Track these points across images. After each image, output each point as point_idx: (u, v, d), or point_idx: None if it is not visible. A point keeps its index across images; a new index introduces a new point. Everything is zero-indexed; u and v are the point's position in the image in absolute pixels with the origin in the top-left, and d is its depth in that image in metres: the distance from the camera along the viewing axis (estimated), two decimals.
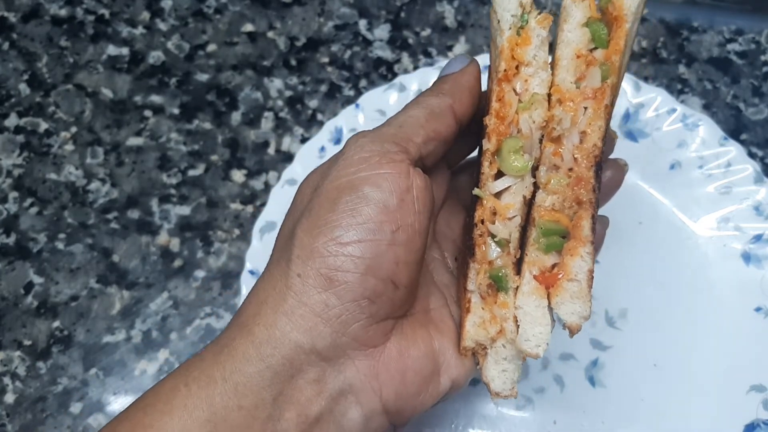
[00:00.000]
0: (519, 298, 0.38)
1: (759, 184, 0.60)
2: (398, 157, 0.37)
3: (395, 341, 0.37)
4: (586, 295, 0.37)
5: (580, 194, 0.37)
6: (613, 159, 0.47)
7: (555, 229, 0.38)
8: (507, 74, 0.39)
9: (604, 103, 0.38)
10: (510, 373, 0.39)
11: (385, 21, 0.72)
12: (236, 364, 0.35)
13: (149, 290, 0.61)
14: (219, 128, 0.67)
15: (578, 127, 0.38)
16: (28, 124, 0.67)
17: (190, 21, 0.72)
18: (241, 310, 0.37)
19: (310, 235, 0.36)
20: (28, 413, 0.57)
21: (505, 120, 0.39)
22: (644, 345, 0.57)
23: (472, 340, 0.39)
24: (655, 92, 0.63)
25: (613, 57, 0.38)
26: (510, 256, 0.39)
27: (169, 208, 0.64)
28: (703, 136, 0.61)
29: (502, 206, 0.39)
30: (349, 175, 0.36)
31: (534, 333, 0.38)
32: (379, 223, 0.35)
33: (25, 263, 0.62)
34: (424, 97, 0.40)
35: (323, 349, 0.35)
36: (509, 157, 0.38)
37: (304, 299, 0.35)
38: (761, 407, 0.54)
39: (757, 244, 0.59)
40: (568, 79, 0.38)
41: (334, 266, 0.35)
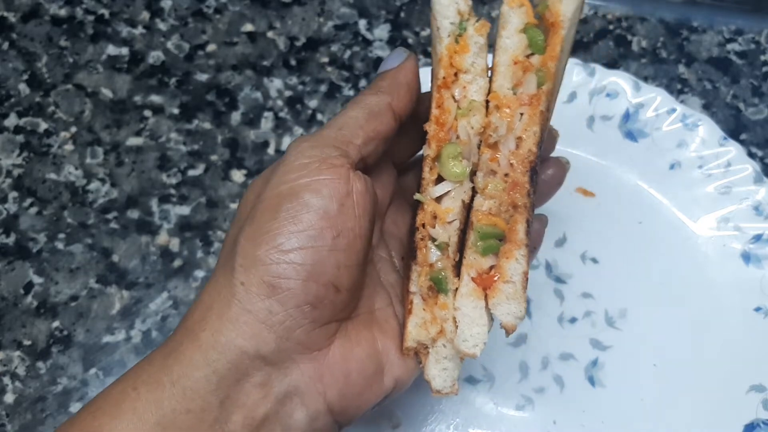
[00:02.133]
0: (458, 300, 0.39)
1: (759, 184, 0.60)
2: (338, 162, 0.38)
3: (339, 344, 0.38)
4: (521, 296, 0.38)
5: (515, 198, 0.38)
6: (555, 157, 0.48)
7: (492, 232, 0.39)
8: (446, 81, 0.40)
9: (540, 108, 0.39)
10: (450, 371, 0.40)
11: (385, 21, 0.72)
12: (183, 368, 0.35)
13: (149, 290, 0.61)
14: (219, 128, 0.67)
15: (514, 133, 0.39)
16: (27, 124, 0.67)
17: (189, 21, 0.72)
18: (188, 315, 0.38)
19: (253, 244, 0.36)
20: (28, 413, 0.57)
21: (445, 126, 0.40)
22: (644, 345, 0.57)
23: (414, 340, 0.40)
24: (654, 92, 0.63)
25: (549, 63, 0.38)
26: (449, 258, 0.40)
27: (168, 208, 0.64)
28: (702, 136, 0.61)
29: (442, 210, 0.40)
30: (290, 182, 0.37)
31: (471, 333, 0.39)
32: (320, 229, 0.36)
33: (24, 263, 0.62)
34: (363, 96, 0.41)
35: (268, 354, 0.36)
36: (448, 163, 0.39)
37: (248, 307, 0.36)
38: (761, 407, 0.54)
39: (757, 244, 0.59)
40: (505, 86, 0.39)
41: (276, 274, 0.36)
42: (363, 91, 0.42)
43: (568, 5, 0.38)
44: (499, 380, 0.56)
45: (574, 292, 0.59)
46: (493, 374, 0.56)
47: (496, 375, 0.56)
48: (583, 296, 0.59)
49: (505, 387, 0.56)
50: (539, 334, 0.58)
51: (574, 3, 0.38)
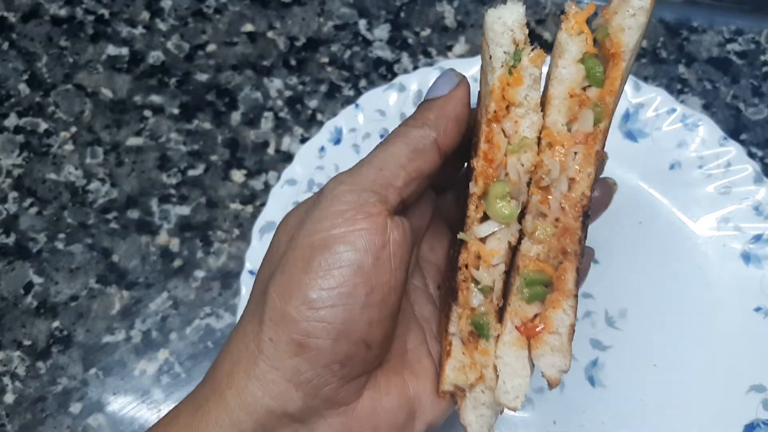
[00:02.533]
0: (500, 348, 0.37)
1: (759, 184, 0.60)
2: (375, 210, 0.36)
3: (368, 395, 0.37)
4: (567, 348, 0.36)
5: (565, 245, 0.36)
6: (602, 178, 0.46)
7: (539, 279, 0.37)
8: (497, 115, 0.37)
9: (596, 148, 0.36)
10: (487, 417, 0.39)
11: (384, 21, 0.72)
12: (209, 429, 0.35)
13: (149, 290, 0.61)
14: (219, 128, 0.67)
15: (567, 173, 0.36)
16: (27, 124, 0.67)
17: (189, 21, 0.72)
18: (216, 366, 0.37)
19: (283, 298, 0.35)
20: (28, 413, 0.57)
21: (494, 163, 0.37)
22: (644, 345, 0.57)
23: (451, 384, 0.38)
24: (655, 92, 0.63)
25: (607, 98, 0.36)
26: (492, 303, 0.38)
27: (168, 208, 0.64)
28: (702, 136, 0.61)
29: (487, 252, 0.37)
30: (324, 231, 0.36)
31: (513, 385, 0.37)
32: (353, 286, 0.35)
33: (24, 263, 0.62)
34: (407, 129, 0.38)
35: (295, 413, 0.35)
36: (496, 203, 0.37)
37: (275, 364, 0.35)
38: (761, 407, 0.54)
39: (757, 244, 0.59)
40: (559, 121, 0.37)
41: (306, 332, 0.35)
42: (407, 122, 0.39)
43: (632, 36, 0.36)
44: None
45: None
46: None
47: None
48: (583, 296, 0.59)
49: None
50: None
51: (638, 32, 0.36)
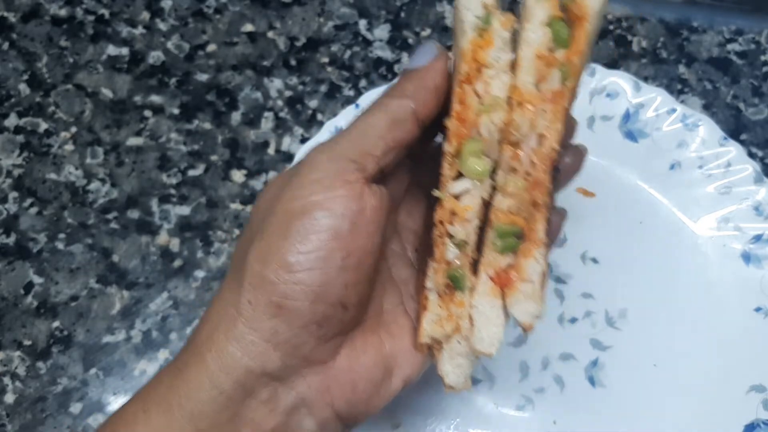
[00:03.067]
0: (475, 298, 0.39)
1: (759, 184, 0.60)
2: (352, 177, 0.37)
3: (345, 354, 0.38)
4: (539, 295, 0.38)
5: (536, 197, 0.38)
6: (574, 144, 0.47)
7: (511, 230, 0.38)
8: (468, 77, 0.38)
9: (563, 105, 0.38)
10: (464, 367, 0.40)
11: (385, 21, 0.72)
12: (190, 391, 0.36)
13: (149, 290, 0.61)
14: (219, 128, 0.67)
15: (536, 130, 0.38)
16: (27, 124, 0.67)
17: (190, 21, 0.72)
18: (197, 332, 0.38)
19: (261, 263, 0.36)
20: (28, 413, 0.57)
21: (466, 123, 0.39)
22: (644, 345, 0.57)
23: (428, 336, 0.40)
24: (655, 92, 0.63)
25: (573, 58, 0.38)
26: (467, 256, 0.39)
27: (169, 208, 0.64)
28: (703, 136, 0.61)
29: (461, 208, 0.39)
30: (302, 198, 0.36)
31: (488, 333, 0.39)
32: (330, 250, 0.36)
33: (24, 263, 0.62)
34: (387, 99, 0.39)
35: (273, 371, 0.36)
36: (469, 160, 0.38)
37: (254, 325, 0.36)
38: (761, 407, 0.54)
39: (757, 244, 0.59)
40: (528, 81, 0.38)
41: (284, 294, 0.35)
42: (386, 92, 0.40)
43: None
44: (499, 380, 0.56)
45: (574, 292, 0.59)
46: (494, 374, 0.56)
47: (496, 375, 0.56)
48: (583, 296, 0.59)
49: (505, 387, 0.56)
50: (539, 334, 0.57)
51: None
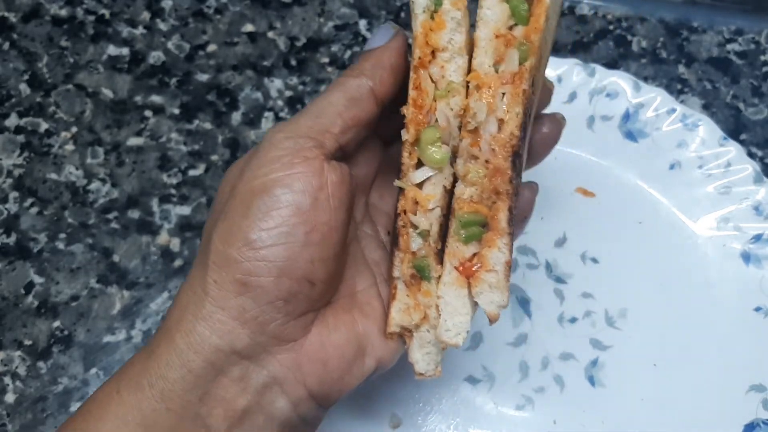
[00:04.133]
0: (440, 288, 0.39)
1: (759, 184, 0.60)
2: (311, 154, 0.37)
3: (316, 331, 0.38)
4: (504, 285, 0.37)
5: (497, 185, 0.37)
6: (550, 114, 0.46)
7: (474, 220, 0.38)
8: (422, 61, 0.38)
9: (522, 87, 0.36)
10: (433, 355, 0.40)
11: (385, 21, 0.72)
12: (161, 370, 0.36)
13: (149, 290, 0.61)
14: (219, 128, 0.68)
15: (495, 114, 0.37)
16: (28, 124, 0.67)
17: (190, 21, 0.72)
18: (168, 314, 0.38)
19: (225, 242, 0.36)
20: (29, 413, 0.57)
21: (423, 109, 0.38)
22: (644, 345, 0.57)
23: (397, 325, 0.40)
24: (654, 92, 0.63)
25: (532, 36, 0.36)
26: (432, 246, 0.39)
27: (169, 208, 0.64)
28: (702, 136, 0.62)
29: (423, 197, 0.38)
30: (262, 177, 0.37)
31: (454, 323, 0.38)
32: (292, 225, 0.36)
33: (25, 263, 0.62)
34: (344, 79, 0.39)
35: (243, 349, 0.36)
36: (427, 149, 0.38)
37: (221, 304, 0.36)
38: (761, 407, 0.54)
39: (757, 244, 0.59)
40: (486, 63, 0.37)
41: (248, 271, 0.36)
42: (345, 72, 0.40)
43: None
44: (499, 380, 0.56)
45: (574, 292, 0.59)
46: (493, 374, 0.57)
47: (496, 375, 0.56)
48: (583, 296, 0.59)
49: (505, 387, 0.56)
50: (539, 334, 0.58)
51: None
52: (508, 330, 0.58)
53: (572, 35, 0.71)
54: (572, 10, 0.72)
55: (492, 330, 0.58)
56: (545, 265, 0.60)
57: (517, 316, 0.58)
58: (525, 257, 0.60)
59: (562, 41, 0.71)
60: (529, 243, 0.61)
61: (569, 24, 0.72)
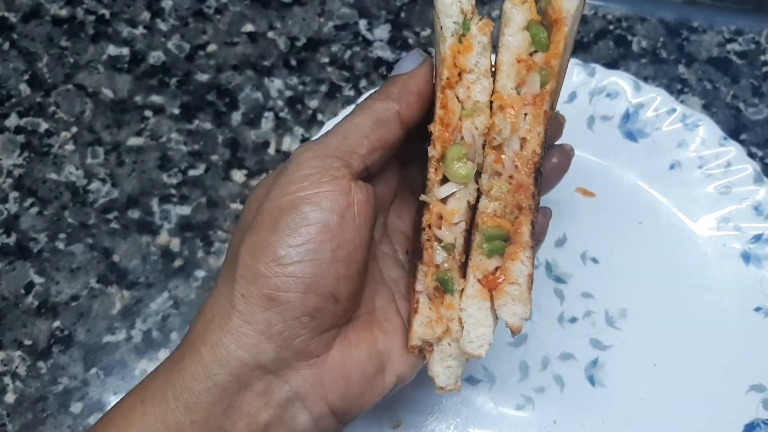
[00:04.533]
0: (464, 301, 0.40)
1: (759, 184, 0.60)
2: (339, 173, 0.38)
3: (338, 348, 0.39)
4: (527, 297, 0.39)
5: (520, 200, 0.39)
6: (560, 144, 0.48)
7: (497, 234, 0.39)
8: (450, 82, 0.39)
9: (544, 108, 0.39)
10: (454, 369, 0.41)
11: (385, 21, 0.72)
12: (186, 383, 0.36)
13: (149, 290, 0.61)
14: (219, 128, 0.68)
15: (518, 134, 0.39)
16: (28, 124, 0.67)
17: (190, 21, 0.72)
18: (192, 326, 0.39)
19: (253, 256, 0.37)
20: (29, 413, 0.57)
21: (449, 127, 0.39)
22: (644, 345, 0.57)
23: (419, 338, 0.40)
24: (654, 92, 0.63)
25: (552, 61, 0.39)
26: (455, 260, 0.40)
27: (169, 208, 0.64)
28: (702, 136, 0.61)
29: (448, 212, 0.40)
30: (290, 194, 0.37)
31: (477, 335, 0.39)
32: (319, 242, 0.36)
33: (25, 263, 0.62)
34: (371, 102, 0.40)
35: (267, 364, 0.37)
36: (453, 165, 0.39)
37: (247, 318, 0.36)
38: (761, 407, 0.54)
39: (757, 244, 0.59)
40: (508, 85, 0.39)
41: (276, 287, 0.36)
42: (372, 95, 0.41)
43: (571, 1, 0.38)
44: (499, 380, 0.56)
45: (574, 292, 0.59)
46: (494, 374, 0.56)
47: (496, 375, 0.56)
48: (583, 296, 0.59)
49: (505, 387, 0.56)
50: (539, 334, 0.58)
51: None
52: (508, 330, 0.58)
53: None
54: None
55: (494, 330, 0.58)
56: (545, 265, 0.60)
57: None
58: None
59: None
60: None
61: None
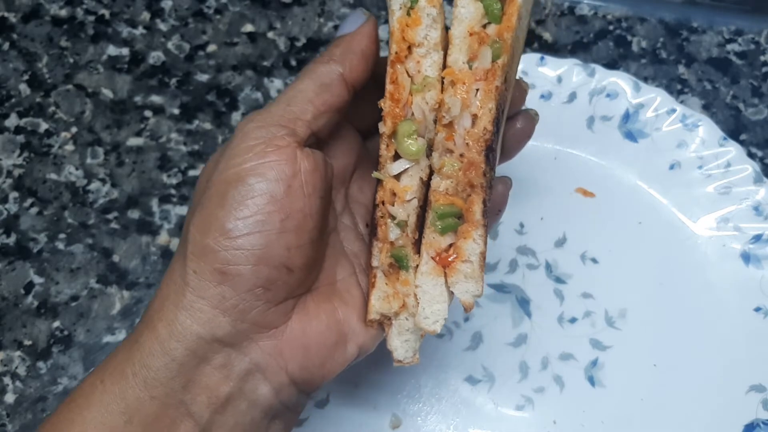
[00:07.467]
0: (418, 278, 0.40)
1: (758, 184, 0.60)
2: (283, 142, 0.37)
3: (297, 318, 0.39)
4: (479, 275, 0.39)
5: (472, 178, 0.38)
6: (525, 110, 0.47)
7: (449, 212, 0.39)
8: (399, 56, 0.39)
9: (495, 84, 0.38)
10: (412, 342, 0.41)
11: (385, 21, 0.72)
12: (144, 359, 0.37)
13: (149, 290, 0.61)
14: (219, 128, 0.68)
15: (469, 110, 0.38)
16: (28, 125, 0.67)
17: (190, 21, 0.72)
18: (150, 305, 0.39)
19: (202, 232, 0.37)
20: (29, 413, 0.57)
21: (400, 102, 0.39)
22: (644, 345, 0.57)
23: (377, 313, 0.40)
24: (654, 92, 0.63)
25: (505, 34, 0.38)
26: (409, 237, 0.40)
27: (169, 208, 0.64)
28: (702, 136, 0.62)
29: (401, 188, 0.40)
30: (235, 167, 0.37)
31: (432, 311, 0.39)
32: (267, 213, 0.36)
33: (25, 263, 0.62)
34: (314, 65, 0.40)
35: (224, 337, 0.37)
36: (404, 141, 0.39)
37: (201, 294, 0.36)
38: (761, 407, 0.54)
39: (757, 244, 0.59)
40: (460, 59, 0.38)
41: (226, 260, 0.36)
42: (315, 60, 0.40)
43: None
44: (499, 380, 0.56)
45: (574, 292, 0.59)
46: (493, 374, 0.57)
47: (496, 375, 0.56)
48: (583, 296, 0.59)
49: (505, 387, 0.56)
50: (539, 334, 0.58)
51: None
52: (508, 330, 0.58)
53: (572, 35, 0.71)
54: (572, 10, 0.72)
55: (492, 330, 0.58)
56: (545, 266, 0.60)
57: (517, 317, 0.58)
58: (525, 257, 0.60)
59: (562, 41, 0.71)
60: (529, 243, 0.61)
61: (569, 24, 0.72)
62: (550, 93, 0.63)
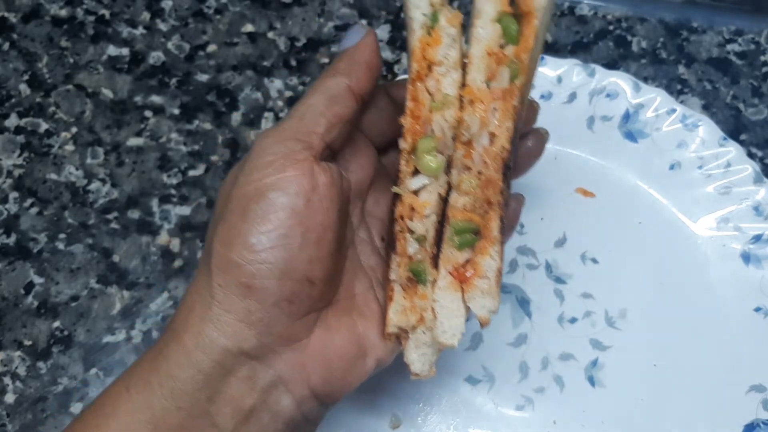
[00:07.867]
0: (436, 292, 0.40)
1: (759, 185, 0.60)
2: (301, 156, 0.38)
3: (319, 332, 0.39)
4: (495, 291, 0.39)
5: (489, 195, 0.39)
6: (536, 129, 0.48)
7: (467, 227, 0.40)
8: (419, 74, 0.39)
9: (513, 103, 0.38)
10: (428, 356, 0.41)
11: (385, 21, 0.72)
12: (170, 370, 0.37)
13: (149, 290, 0.61)
14: (219, 128, 0.68)
15: (487, 128, 0.39)
16: (28, 125, 0.67)
17: (190, 21, 0.72)
18: (174, 317, 0.39)
19: (226, 246, 0.37)
20: (29, 413, 0.57)
21: (420, 119, 0.39)
22: (644, 345, 0.57)
23: (394, 326, 0.41)
24: (654, 92, 0.63)
25: (522, 54, 0.38)
26: (427, 251, 0.41)
27: (169, 208, 0.64)
28: (702, 136, 0.61)
29: (420, 204, 0.40)
30: (256, 181, 0.38)
31: (450, 325, 0.40)
32: (289, 227, 0.37)
33: (25, 263, 0.62)
34: (322, 80, 0.41)
35: (250, 350, 0.37)
36: (423, 157, 0.39)
37: (227, 307, 0.37)
38: (761, 407, 0.54)
39: (757, 244, 0.59)
40: (478, 79, 0.39)
41: (251, 275, 0.37)
42: (321, 75, 0.41)
43: None
44: (499, 380, 0.56)
45: (574, 292, 0.59)
46: (493, 374, 0.57)
47: (496, 375, 0.57)
48: (583, 296, 0.59)
49: (505, 387, 0.56)
50: (539, 334, 0.58)
51: None
52: (508, 330, 0.58)
53: (572, 35, 0.71)
54: (572, 11, 0.72)
55: (492, 330, 0.58)
56: (545, 266, 0.60)
57: (517, 317, 0.58)
58: (525, 257, 0.60)
59: (562, 41, 0.71)
60: (529, 243, 0.61)
61: (569, 24, 0.72)
62: (550, 93, 0.63)
